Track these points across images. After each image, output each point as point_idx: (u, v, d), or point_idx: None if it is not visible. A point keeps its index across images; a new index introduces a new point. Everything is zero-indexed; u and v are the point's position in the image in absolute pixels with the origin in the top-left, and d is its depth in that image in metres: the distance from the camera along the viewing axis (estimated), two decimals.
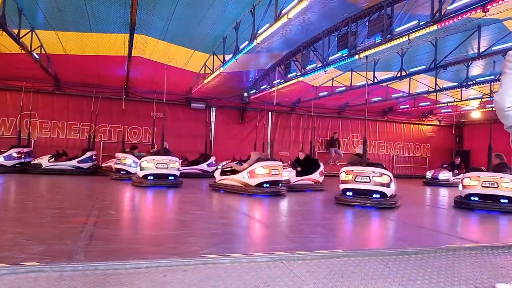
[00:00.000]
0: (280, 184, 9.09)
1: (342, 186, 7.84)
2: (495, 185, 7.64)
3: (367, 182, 7.48)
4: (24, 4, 8.40)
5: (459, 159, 13.16)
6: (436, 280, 2.75)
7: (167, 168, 9.71)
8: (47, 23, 9.29)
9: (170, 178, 9.79)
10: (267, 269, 2.87)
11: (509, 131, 2.66)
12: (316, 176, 10.71)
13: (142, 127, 15.37)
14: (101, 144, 14.63)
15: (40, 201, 6.89)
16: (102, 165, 12.84)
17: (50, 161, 12.04)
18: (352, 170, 7.68)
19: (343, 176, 7.85)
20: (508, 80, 2.58)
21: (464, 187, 8.15)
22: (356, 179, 7.59)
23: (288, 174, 9.85)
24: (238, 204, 7.51)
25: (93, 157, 12.77)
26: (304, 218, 6.18)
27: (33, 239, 3.87)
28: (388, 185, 7.43)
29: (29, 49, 9.71)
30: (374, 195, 7.42)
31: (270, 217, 6.45)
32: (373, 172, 7.49)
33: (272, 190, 8.63)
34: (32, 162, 12.04)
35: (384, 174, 7.49)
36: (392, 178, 7.58)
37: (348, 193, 7.69)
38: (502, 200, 7.53)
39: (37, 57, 10.50)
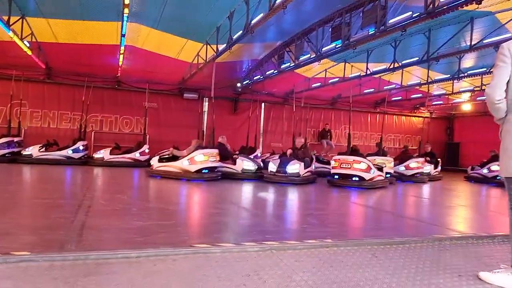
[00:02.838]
0: (216, 170, 9.81)
1: (413, 172, 12.23)
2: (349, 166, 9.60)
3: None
4: None
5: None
6: (422, 269, 2.82)
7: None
8: (38, 10, 9.14)
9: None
10: (258, 259, 2.91)
11: (499, 123, 2.71)
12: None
13: (134, 117, 15.28)
14: (93, 134, 14.52)
15: (31, 191, 6.87)
16: (93, 155, 12.76)
17: (40, 151, 11.94)
18: (424, 160, 12.73)
19: (415, 165, 12.29)
20: (499, 73, 2.60)
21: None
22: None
23: (298, 167, 9.65)
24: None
25: (85, 147, 12.70)
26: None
27: (24, 229, 3.87)
28: None
29: (19, 37, 9.56)
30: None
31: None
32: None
33: (209, 176, 9.43)
34: (22, 152, 11.93)
35: None
36: None
37: (417, 175, 12.27)
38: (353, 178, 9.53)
39: (28, 45, 10.35)
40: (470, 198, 9.46)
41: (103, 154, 12.49)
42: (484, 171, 12.92)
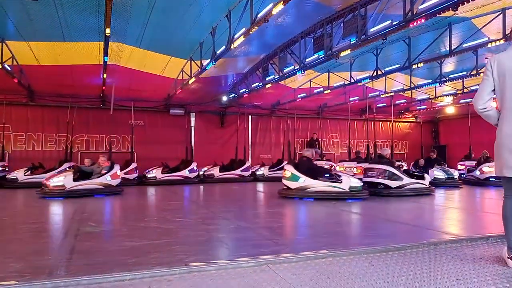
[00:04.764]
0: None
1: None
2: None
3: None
4: None
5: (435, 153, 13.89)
6: (419, 275, 2.80)
7: None
8: (18, 33, 9.05)
9: None
10: (253, 274, 2.86)
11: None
12: None
13: (121, 135, 15.14)
14: (79, 154, 14.33)
15: (17, 216, 6.69)
16: None
17: (26, 174, 11.67)
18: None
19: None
20: (483, 85, 2.92)
21: None
22: None
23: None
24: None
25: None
26: None
27: (10, 256, 3.75)
28: None
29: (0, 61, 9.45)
30: None
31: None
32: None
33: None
34: (7, 176, 11.65)
35: None
36: None
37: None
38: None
39: (8, 68, 10.21)
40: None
41: None
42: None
